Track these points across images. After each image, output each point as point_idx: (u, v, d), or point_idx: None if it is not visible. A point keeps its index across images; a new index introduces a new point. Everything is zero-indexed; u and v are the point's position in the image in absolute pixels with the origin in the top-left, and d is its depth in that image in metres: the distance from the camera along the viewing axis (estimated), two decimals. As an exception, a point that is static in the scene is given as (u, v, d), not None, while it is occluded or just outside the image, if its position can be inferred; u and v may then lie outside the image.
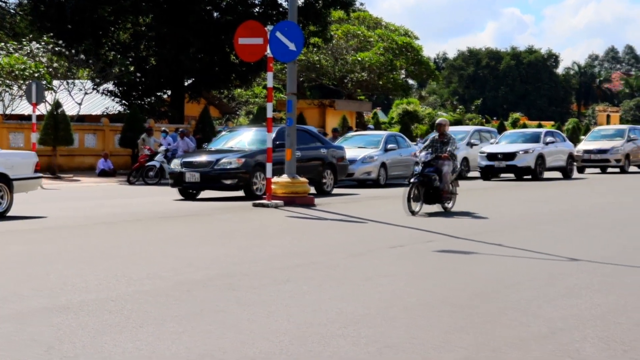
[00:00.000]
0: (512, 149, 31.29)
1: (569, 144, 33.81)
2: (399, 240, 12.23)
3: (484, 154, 31.38)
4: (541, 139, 32.15)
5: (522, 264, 9.97)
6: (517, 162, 30.88)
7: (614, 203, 19.74)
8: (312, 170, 22.66)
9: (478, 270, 9.45)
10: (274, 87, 51.93)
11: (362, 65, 53.21)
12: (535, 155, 31.05)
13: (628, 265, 9.85)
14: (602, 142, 37.40)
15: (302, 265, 9.78)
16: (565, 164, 32.62)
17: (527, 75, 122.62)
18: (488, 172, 31.37)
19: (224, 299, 7.68)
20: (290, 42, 18.76)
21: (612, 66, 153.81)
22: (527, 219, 15.67)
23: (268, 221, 15.43)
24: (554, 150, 32.15)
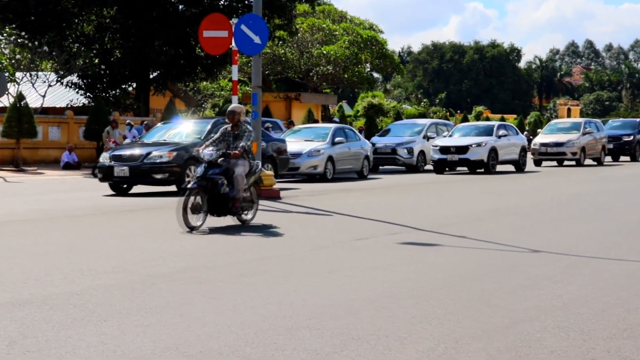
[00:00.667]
0: (465, 142, 31.13)
1: (521, 137, 33.83)
2: (364, 232, 12.25)
3: (437, 147, 31.19)
4: (494, 132, 32.00)
5: (485, 256, 10.03)
6: (470, 156, 30.74)
7: (572, 195, 19.91)
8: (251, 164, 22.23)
9: (441, 262, 9.50)
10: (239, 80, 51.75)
11: (328, 59, 53.20)
12: (488, 148, 30.90)
13: (588, 256, 9.95)
14: (559, 135, 37.48)
15: (267, 258, 9.77)
16: (518, 157, 32.57)
17: (490, 69, 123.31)
18: (441, 166, 31.20)
19: (189, 292, 7.66)
20: (255, 35, 18.71)
21: (572, 60, 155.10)
22: (490, 212, 15.76)
23: (233, 214, 15.37)
24: (507, 144, 32.06)
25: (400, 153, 33.12)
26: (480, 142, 31.04)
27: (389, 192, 21.80)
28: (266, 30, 19.02)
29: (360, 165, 28.58)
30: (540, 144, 37.15)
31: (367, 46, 54.18)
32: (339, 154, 27.54)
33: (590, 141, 37.57)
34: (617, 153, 42.80)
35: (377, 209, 16.42)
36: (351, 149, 28.21)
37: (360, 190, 22.12)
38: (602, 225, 13.33)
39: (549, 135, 37.94)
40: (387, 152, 33.32)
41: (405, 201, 18.75)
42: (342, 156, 27.69)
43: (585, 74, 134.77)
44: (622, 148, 42.54)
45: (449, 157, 30.78)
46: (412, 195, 20.68)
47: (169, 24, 39.20)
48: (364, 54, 54.42)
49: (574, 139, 36.66)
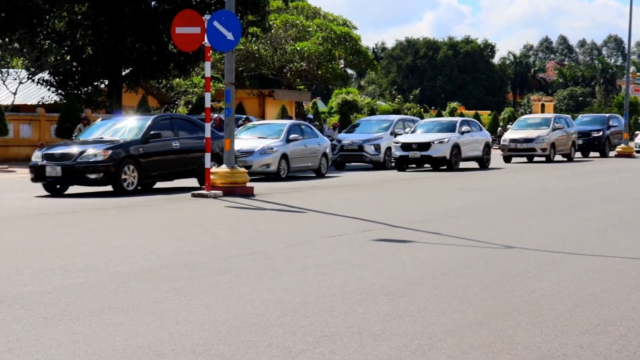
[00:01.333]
0: (427, 138, 30.74)
1: (485, 133, 33.43)
2: (338, 229, 12.27)
3: (399, 144, 30.79)
4: (457, 128, 31.58)
5: (458, 252, 10.07)
6: (432, 153, 30.33)
7: (544, 191, 20.03)
8: (193, 163, 20.88)
9: (415, 258, 9.52)
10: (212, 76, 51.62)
11: (301, 55, 53.17)
12: (451, 145, 30.50)
13: (561, 251, 10.01)
14: (528, 131, 37.36)
15: (241, 255, 9.76)
16: (482, 153, 32.22)
17: (464, 65, 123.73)
18: (403, 163, 30.83)
19: (162, 290, 7.63)
20: (228, 32, 18.67)
21: (546, 56, 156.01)
22: (463, 208, 15.82)
23: (207, 211, 15.36)
24: (470, 140, 31.72)
25: (367, 150, 32.83)
26: (442, 138, 30.59)
27: (363, 189, 21.84)
28: (239, 26, 18.98)
29: (317, 163, 27.93)
30: (510, 140, 36.97)
31: (341, 42, 54.20)
32: (294, 151, 26.68)
33: (560, 137, 37.56)
34: (587, 149, 42.84)
35: (351, 206, 16.45)
36: (307, 146, 27.45)
37: (333, 188, 22.13)
38: (575, 221, 13.42)
39: (518, 131, 37.79)
40: (353, 149, 33.05)
41: (380, 198, 18.79)
42: (298, 154, 26.88)
43: (559, 69, 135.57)
44: (591, 144, 42.55)
45: (410, 154, 30.38)
46: (386, 192, 20.72)
47: (141, 21, 39.04)
48: (338, 50, 54.43)
49: (543, 135, 36.60)
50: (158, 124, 20.48)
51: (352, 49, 54.98)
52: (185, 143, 20.94)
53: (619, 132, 44.76)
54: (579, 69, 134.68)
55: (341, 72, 56.55)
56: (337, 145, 33.55)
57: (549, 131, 37.00)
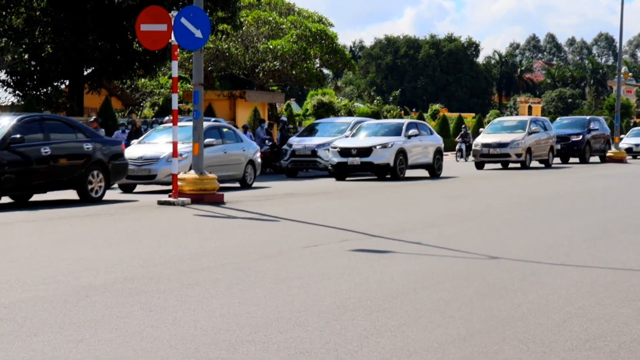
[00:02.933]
0: (368, 143, 29.00)
1: (436, 137, 31.89)
2: (313, 239, 12.29)
3: (336, 148, 29.02)
4: (403, 131, 29.89)
5: (441, 263, 10.11)
6: (374, 159, 28.61)
7: (528, 199, 20.15)
8: (69, 171, 19.26)
9: (395, 270, 9.55)
10: (180, 77, 51.48)
11: (274, 54, 53.17)
12: (395, 150, 28.76)
13: (548, 262, 10.08)
14: (502, 134, 36.71)
15: (210, 267, 9.76)
16: (432, 160, 30.59)
17: (447, 65, 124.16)
18: (341, 171, 29.04)
19: (126, 304, 7.62)
20: (196, 29, 18.67)
21: (533, 55, 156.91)
22: (446, 217, 15.88)
23: (174, 220, 15.34)
24: (418, 145, 30.15)
25: (322, 155, 31.53)
26: (386, 142, 28.94)
27: (340, 196, 21.88)
28: (208, 23, 18.99)
29: (241, 172, 25.36)
30: (482, 145, 36.22)
31: (317, 41, 54.26)
32: (211, 158, 23.74)
33: (537, 141, 36.95)
34: (566, 154, 41.86)
35: (328, 214, 16.48)
36: (228, 153, 25.00)
37: (309, 195, 22.16)
38: (561, 230, 13.51)
39: (491, 134, 37.11)
40: (306, 155, 31.99)
41: (357, 206, 18.83)
42: (215, 161, 24.16)
43: (547, 69, 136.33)
44: (570, 149, 41.71)
45: (349, 160, 28.61)
46: (364, 200, 20.77)
47: (104, 17, 38.92)
48: (313, 49, 54.48)
49: (518, 139, 35.94)
50: (22, 127, 18.54)
51: (328, 48, 55.04)
52: (59, 148, 19.06)
53: (601, 136, 43.58)
54: (568, 69, 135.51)
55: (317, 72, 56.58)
56: (288, 150, 32.53)
57: (525, 135, 36.31)
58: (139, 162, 22.98)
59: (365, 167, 28.90)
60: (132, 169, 22.51)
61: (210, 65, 53.68)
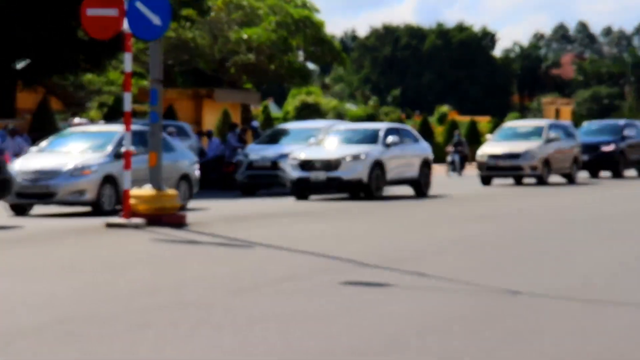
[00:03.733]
0: (336, 153, 27.84)
1: (423, 146, 30.60)
2: (295, 270, 12.22)
3: (296, 160, 27.84)
4: (380, 138, 28.49)
5: (450, 301, 10.02)
6: (343, 173, 27.24)
7: (553, 222, 20.16)
8: None
9: (394, 309, 9.46)
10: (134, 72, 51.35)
11: (249, 45, 53.19)
12: (370, 162, 27.37)
13: (582, 299, 10.00)
14: (514, 143, 35.96)
15: (167, 305, 9.67)
16: (418, 174, 29.17)
17: (457, 58, 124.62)
18: (302, 188, 27.86)
19: (60, 352, 7.50)
20: (155, 15, 18.63)
21: (561, 47, 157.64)
22: (455, 242, 15.85)
23: (125, 247, 15.26)
24: (400, 155, 28.84)
25: (285, 168, 30.03)
26: (358, 153, 27.60)
27: (329, 217, 21.85)
28: (168, 8, 18.95)
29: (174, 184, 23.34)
30: (489, 156, 35.49)
31: (300, 29, 54.32)
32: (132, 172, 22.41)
33: (557, 151, 36.23)
34: (595, 167, 41.19)
35: (312, 239, 16.44)
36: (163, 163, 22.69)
37: (289, 216, 22.13)
38: (596, 260, 13.46)
39: (500, 143, 36.45)
40: (265, 167, 31.26)
41: (349, 228, 18.80)
42: (137, 176, 22.63)
43: (578, 64, 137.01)
44: (600, 160, 41.02)
45: (312, 175, 27.30)
46: (358, 221, 20.73)
47: (42, 1, 38.86)
48: (296, 38, 54.53)
49: (534, 149, 35.22)
50: None
51: (314, 38, 55.09)
52: None
53: (639, 144, 42.62)
54: (603, 64, 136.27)
55: (300, 66, 56.63)
56: (243, 161, 31.73)
57: (542, 143, 35.61)
58: (33, 177, 22.12)
59: (332, 184, 27.75)
60: (26, 185, 21.85)
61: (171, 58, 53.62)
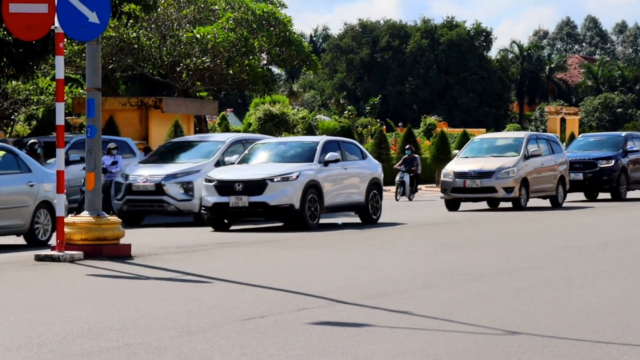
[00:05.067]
0: (262, 173, 26.58)
1: (371, 164, 29.50)
2: (259, 307, 12.22)
3: (212, 182, 26.60)
4: (316, 155, 27.26)
5: (439, 342, 10.08)
6: (269, 197, 25.97)
7: (552, 250, 20.27)
8: None
9: (375, 352, 9.53)
10: (68, 78, 51.27)
11: (203, 46, 53.20)
12: (303, 183, 26.19)
13: (592, 340, 10.05)
14: (486, 159, 34.83)
15: (109, 349, 9.69)
16: (365, 198, 28.01)
17: (446, 61, 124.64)
18: (219, 215, 26.77)
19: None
20: (91, 12, 18.58)
21: (567, 47, 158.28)
22: (444, 274, 15.90)
23: (58, 283, 15.22)
24: (342, 175, 27.73)
25: (171, 192, 29.04)
26: (288, 172, 26.39)
27: (299, 246, 21.84)
28: (107, 3, 18.93)
29: (27, 220, 22.27)
30: (455, 174, 34.20)
31: (263, 27, 54.37)
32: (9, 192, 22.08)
33: (537, 169, 35.08)
34: (592, 187, 40.47)
35: (279, 271, 16.45)
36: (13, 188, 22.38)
37: (252, 245, 22.12)
38: (612, 292, 13.54)
39: (470, 159, 35.35)
40: (147, 191, 29.46)
41: (323, 259, 18.81)
42: None
43: (586, 67, 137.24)
44: (598, 179, 39.78)
45: (232, 200, 25.97)
46: (332, 249, 20.74)
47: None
48: (258, 39, 54.59)
49: (509, 166, 33.91)
50: None
51: (280, 38, 55.14)
52: None
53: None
54: (616, 67, 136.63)
55: (263, 71, 56.65)
56: (122, 184, 29.79)
57: (519, 159, 34.34)
58: None
59: (257, 211, 26.60)
60: None
61: (112, 61, 53.57)
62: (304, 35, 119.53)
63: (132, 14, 44.06)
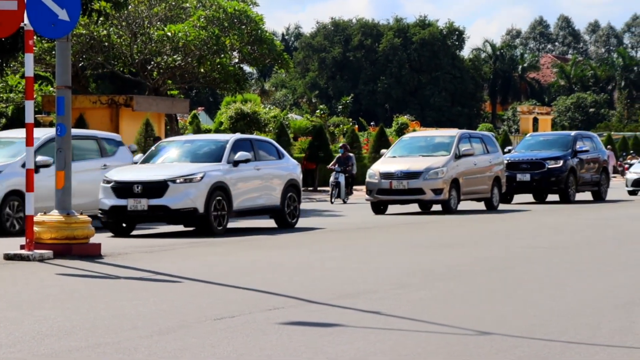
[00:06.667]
0: (163, 173, 24.68)
1: (288, 163, 27.72)
2: (229, 307, 12.22)
3: (110, 183, 24.55)
4: (225, 153, 25.56)
5: (410, 342, 10.09)
6: (171, 201, 24.17)
7: (525, 249, 20.33)
8: None
9: (345, 352, 9.55)
10: (37, 76, 51.05)
11: (174, 44, 53.12)
12: (208, 185, 24.44)
13: (563, 340, 10.07)
14: (414, 159, 33.12)
15: (80, 349, 9.68)
16: (281, 201, 26.39)
17: (419, 59, 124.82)
18: (119, 219, 24.74)
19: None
20: (61, 9, 18.53)
21: (540, 47, 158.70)
22: (417, 274, 15.90)
23: (28, 282, 15.17)
24: (254, 176, 26.07)
25: None
26: (192, 173, 24.59)
27: (269, 246, 21.83)
28: (78, 1, 18.87)
29: None
30: (381, 175, 32.49)
31: (234, 26, 54.33)
32: None
33: (470, 170, 33.53)
34: (539, 189, 39.42)
35: (249, 271, 16.43)
36: None
37: (224, 244, 22.09)
38: (586, 292, 13.59)
39: (397, 159, 33.67)
40: None
41: (291, 259, 18.80)
42: None
43: (559, 66, 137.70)
44: (545, 181, 38.66)
45: (130, 203, 24.14)
46: (304, 249, 20.74)
47: None
48: (230, 37, 54.55)
49: (437, 166, 32.21)
50: None
51: (251, 36, 55.11)
52: None
53: (595, 160, 40.70)
54: (589, 66, 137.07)
55: (235, 70, 56.62)
56: None
57: (449, 159, 32.75)
58: None
59: (157, 215, 24.74)
60: None
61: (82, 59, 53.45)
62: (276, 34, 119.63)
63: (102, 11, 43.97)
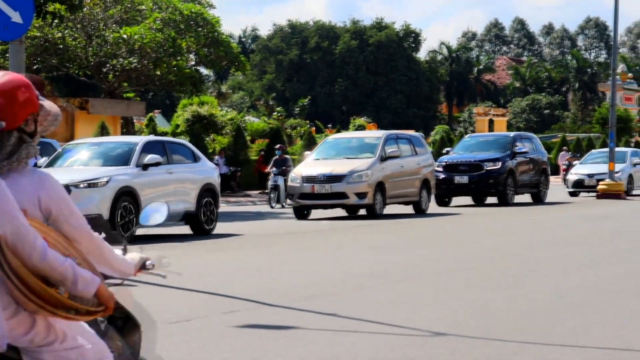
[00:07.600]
0: (65, 178, 21.66)
1: (205, 167, 26.62)
2: (183, 310, 12.20)
3: None
4: (134, 156, 24.30)
5: (367, 344, 10.07)
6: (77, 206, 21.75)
7: (490, 249, 20.38)
8: None
9: (300, 356, 9.54)
10: (-7, 79, 50.81)
11: (130, 47, 52.98)
12: (115, 190, 23.10)
13: (519, 340, 10.10)
14: (338, 162, 31.88)
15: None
16: (196, 206, 25.11)
17: (375, 62, 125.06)
18: None
19: None
20: (14, 11, 18.40)
21: (496, 49, 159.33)
22: (377, 275, 15.89)
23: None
24: (165, 181, 24.76)
25: None
26: (96, 177, 23.23)
27: (228, 247, 21.77)
28: (31, 2, 18.78)
29: None
30: (303, 178, 31.02)
31: (191, 28, 54.24)
32: None
33: (396, 172, 32.18)
34: (478, 191, 38.58)
35: (205, 273, 16.36)
36: None
37: (180, 245, 22.01)
38: (540, 293, 13.61)
39: (321, 162, 32.30)
40: None
41: (251, 261, 18.75)
42: None
43: (514, 68, 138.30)
44: (484, 182, 37.89)
45: None
46: (265, 250, 20.70)
47: None
48: (186, 39, 54.46)
49: (362, 169, 30.92)
50: None
51: (208, 38, 55.04)
52: None
53: (534, 162, 40.34)
54: (544, 68, 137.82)
55: (191, 72, 56.52)
56: None
57: (374, 161, 31.37)
58: None
59: None
60: None
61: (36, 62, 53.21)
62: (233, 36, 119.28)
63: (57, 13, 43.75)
